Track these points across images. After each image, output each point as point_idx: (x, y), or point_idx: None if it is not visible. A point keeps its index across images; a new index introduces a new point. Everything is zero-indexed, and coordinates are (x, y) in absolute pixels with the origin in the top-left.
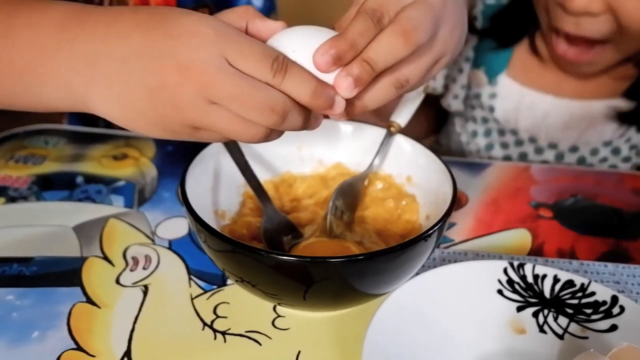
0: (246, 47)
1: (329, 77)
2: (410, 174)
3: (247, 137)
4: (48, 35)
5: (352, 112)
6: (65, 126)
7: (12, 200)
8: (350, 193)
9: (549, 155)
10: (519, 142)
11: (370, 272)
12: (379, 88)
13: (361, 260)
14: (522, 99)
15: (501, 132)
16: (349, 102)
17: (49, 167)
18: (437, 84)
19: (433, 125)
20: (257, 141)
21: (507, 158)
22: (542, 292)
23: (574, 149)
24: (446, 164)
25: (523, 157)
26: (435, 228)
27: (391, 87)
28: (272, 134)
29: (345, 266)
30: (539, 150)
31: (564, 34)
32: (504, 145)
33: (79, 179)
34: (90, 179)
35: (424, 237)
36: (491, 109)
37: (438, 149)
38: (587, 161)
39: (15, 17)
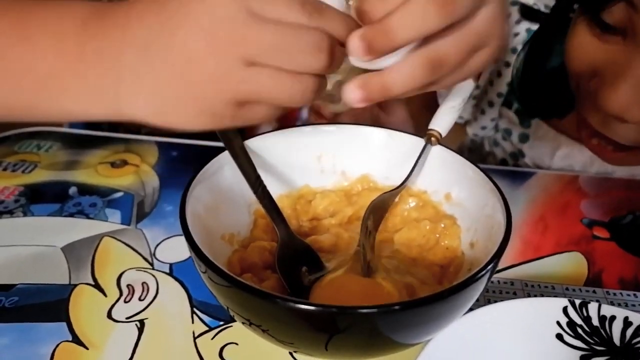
0: None
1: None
2: (450, 191)
3: (297, 96)
4: (69, 36)
5: (373, 95)
6: (61, 129)
7: None
8: (380, 211)
9: None
10: None
11: (407, 322)
12: (408, 65)
13: (398, 310)
14: (558, 146)
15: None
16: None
17: (39, 175)
18: (463, 112)
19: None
20: (308, 99)
21: None
22: (610, 338)
23: None
24: (492, 179)
25: None
26: (489, 267)
27: (422, 67)
28: (322, 86)
29: (378, 317)
30: None
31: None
32: None
33: (72, 190)
34: (85, 189)
35: (476, 278)
36: (521, 153)
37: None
38: None
39: (29, 20)
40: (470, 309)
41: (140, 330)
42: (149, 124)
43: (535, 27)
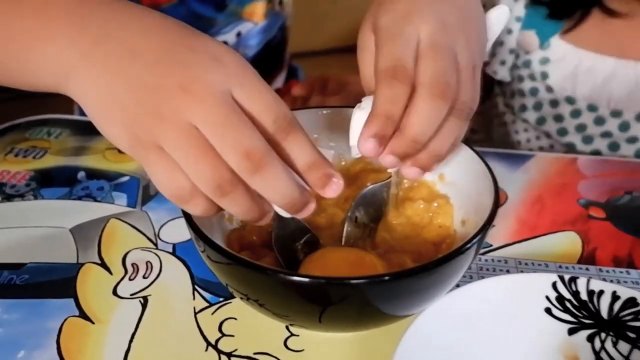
0: (257, 93)
1: None
2: (443, 171)
3: (203, 181)
4: (60, 6)
5: (429, 167)
6: (70, 116)
7: (8, 198)
8: (374, 202)
9: (612, 125)
10: (576, 113)
11: (398, 293)
12: (446, 130)
13: (387, 281)
14: (580, 63)
15: (554, 104)
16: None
17: (49, 161)
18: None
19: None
20: (207, 193)
21: (562, 131)
22: (598, 311)
23: None
24: (485, 160)
25: (580, 128)
26: (474, 240)
27: (458, 120)
28: (228, 195)
29: (369, 287)
30: (599, 121)
31: None
32: (558, 118)
33: (81, 174)
34: (93, 174)
35: (461, 251)
36: (544, 76)
37: (474, 139)
38: None
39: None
40: (461, 285)
41: (144, 306)
42: (84, 109)
43: None
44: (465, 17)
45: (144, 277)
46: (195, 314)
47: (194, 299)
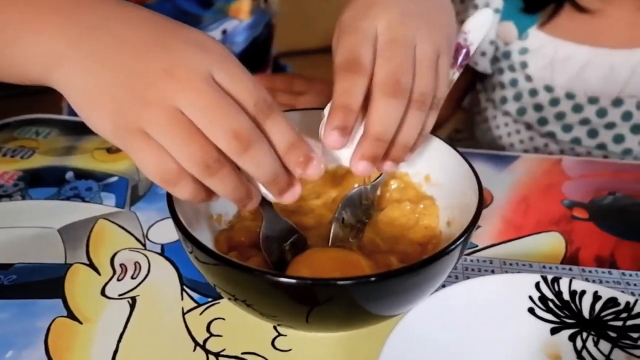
0: (237, 77)
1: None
2: (429, 172)
3: (191, 162)
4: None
5: (400, 159)
6: (59, 116)
7: None
8: (361, 204)
9: (590, 111)
10: (555, 101)
11: (384, 294)
12: (410, 123)
13: (374, 282)
14: (556, 53)
15: (533, 93)
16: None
17: (38, 161)
18: None
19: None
20: (195, 173)
21: (542, 121)
22: (580, 311)
23: (617, 102)
24: (469, 161)
25: (560, 116)
26: (459, 241)
27: (419, 112)
28: (216, 174)
29: (355, 288)
30: (577, 108)
31: None
32: (538, 108)
33: (69, 175)
34: (81, 174)
35: (446, 251)
36: (523, 65)
37: (458, 138)
38: (634, 116)
39: None
40: (447, 286)
41: (132, 306)
42: (67, 99)
43: None
44: (429, 5)
45: (132, 277)
46: (184, 314)
47: (182, 299)
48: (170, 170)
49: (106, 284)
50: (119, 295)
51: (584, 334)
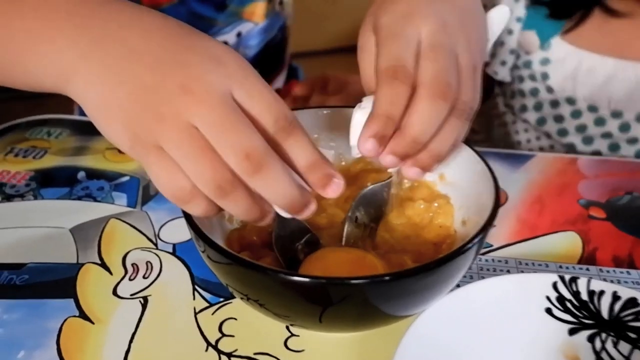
0: (257, 92)
1: None
2: (443, 171)
3: (203, 181)
4: (60, 6)
5: (429, 167)
6: (70, 116)
7: (7, 198)
8: (374, 202)
9: (612, 126)
10: (577, 113)
11: (398, 294)
12: (447, 131)
13: (388, 281)
14: (580, 64)
15: (554, 104)
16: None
17: (49, 161)
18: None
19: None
20: (208, 193)
21: (562, 132)
22: (599, 312)
23: None
24: (485, 160)
25: (581, 129)
26: (475, 240)
27: (458, 121)
28: (228, 196)
29: (369, 288)
30: (600, 122)
31: None
32: (558, 119)
33: (81, 175)
34: (93, 174)
35: (461, 251)
36: (544, 76)
37: (474, 140)
38: None
39: None
40: (462, 285)
41: (144, 306)
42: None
43: None
44: (465, 18)
45: (144, 277)
46: (196, 314)
47: (194, 299)
48: (182, 188)
49: (118, 283)
50: (131, 295)
51: (603, 335)
